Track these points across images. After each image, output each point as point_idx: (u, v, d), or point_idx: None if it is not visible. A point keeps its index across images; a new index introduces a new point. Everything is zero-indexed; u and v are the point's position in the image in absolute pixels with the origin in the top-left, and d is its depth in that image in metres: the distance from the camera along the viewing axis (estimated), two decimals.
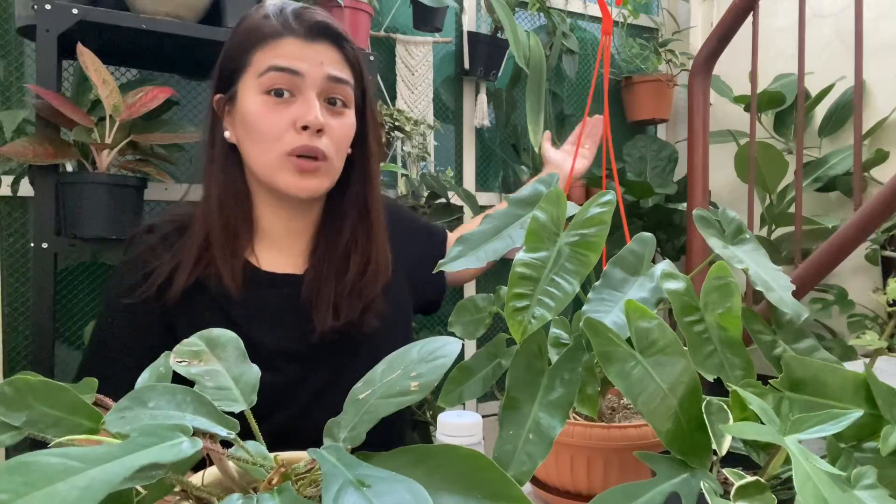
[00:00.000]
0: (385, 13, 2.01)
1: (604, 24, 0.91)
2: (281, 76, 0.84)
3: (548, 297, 0.54)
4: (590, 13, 2.44)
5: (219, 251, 0.87)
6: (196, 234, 0.88)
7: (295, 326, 0.89)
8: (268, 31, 0.85)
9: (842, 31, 2.06)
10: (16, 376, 0.37)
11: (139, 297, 0.86)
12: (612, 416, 0.69)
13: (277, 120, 0.84)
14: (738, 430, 0.42)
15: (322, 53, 0.86)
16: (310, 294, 0.90)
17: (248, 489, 0.40)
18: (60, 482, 0.26)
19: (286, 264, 0.93)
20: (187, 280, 0.85)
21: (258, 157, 0.86)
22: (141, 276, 0.87)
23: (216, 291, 0.87)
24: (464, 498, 0.32)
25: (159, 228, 0.91)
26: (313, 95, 0.85)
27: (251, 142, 0.86)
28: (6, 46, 1.58)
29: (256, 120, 0.84)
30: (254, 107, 0.85)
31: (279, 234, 0.93)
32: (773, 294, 0.62)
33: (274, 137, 0.84)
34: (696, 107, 1.93)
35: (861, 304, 1.90)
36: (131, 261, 0.89)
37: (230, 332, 0.46)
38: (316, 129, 0.84)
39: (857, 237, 1.50)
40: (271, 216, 0.92)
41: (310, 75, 0.85)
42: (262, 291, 0.89)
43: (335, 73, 0.86)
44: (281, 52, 0.84)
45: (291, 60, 0.84)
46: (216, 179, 0.89)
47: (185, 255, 0.87)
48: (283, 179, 0.85)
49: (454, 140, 2.21)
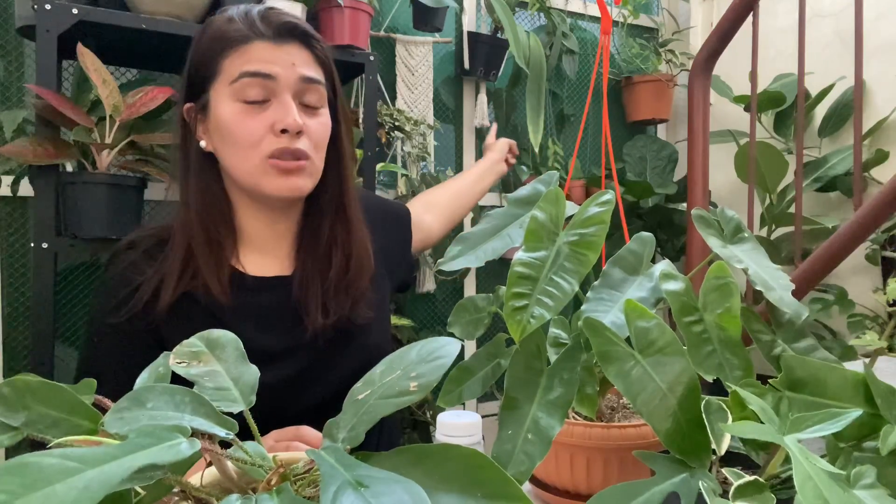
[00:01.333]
0: (385, 13, 2.01)
1: (603, 24, 0.91)
2: (254, 81, 0.83)
3: (547, 297, 0.54)
4: (590, 13, 2.44)
5: (203, 261, 0.85)
6: (178, 246, 0.86)
7: (288, 327, 0.89)
8: (235, 36, 0.84)
9: (842, 31, 2.06)
10: (15, 377, 0.37)
11: (125, 316, 0.84)
12: (612, 416, 0.69)
13: (254, 125, 0.83)
14: (738, 429, 0.42)
15: (293, 54, 0.85)
16: (300, 294, 0.90)
17: (246, 489, 0.40)
18: (58, 483, 0.26)
19: (273, 267, 0.92)
20: (173, 294, 0.84)
21: (238, 165, 0.85)
22: (125, 294, 0.85)
23: (205, 301, 0.86)
24: (463, 497, 0.32)
25: (139, 244, 0.90)
26: (289, 98, 0.84)
27: (229, 149, 0.85)
28: (6, 46, 1.58)
29: (233, 127, 0.83)
30: (229, 114, 0.83)
31: (263, 238, 0.92)
32: (773, 293, 0.62)
33: (253, 143, 0.83)
34: (696, 107, 1.93)
35: (861, 304, 1.90)
36: (114, 279, 0.88)
37: (230, 333, 0.46)
38: (295, 131, 0.83)
39: (857, 237, 1.50)
40: (253, 221, 0.91)
41: (283, 77, 0.84)
42: (252, 296, 0.89)
43: (308, 73, 0.85)
44: (251, 57, 0.83)
45: (263, 64, 0.83)
46: (194, 190, 0.88)
47: (168, 269, 0.85)
48: (268, 183, 0.85)
49: (454, 140, 2.21)
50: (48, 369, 1.31)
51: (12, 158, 1.27)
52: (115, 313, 0.85)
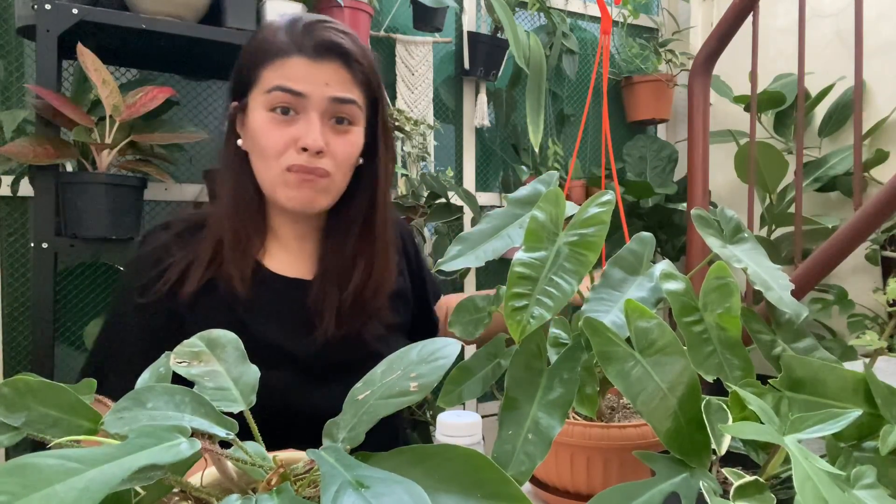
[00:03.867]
0: (385, 13, 2.01)
1: (602, 24, 0.91)
2: (285, 96, 0.85)
3: (547, 297, 0.54)
4: (590, 13, 2.44)
5: (230, 252, 0.88)
6: (210, 233, 0.90)
7: (300, 330, 0.90)
8: (275, 49, 0.86)
9: (842, 31, 2.06)
10: (15, 377, 0.37)
11: (152, 297, 0.87)
12: (612, 416, 0.69)
13: (280, 137, 0.86)
14: (738, 429, 0.42)
15: (328, 74, 0.86)
16: (316, 300, 0.91)
17: (246, 490, 0.40)
18: (59, 483, 0.26)
19: (295, 268, 0.94)
20: (201, 278, 0.87)
21: (262, 171, 0.89)
22: (154, 274, 0.88)
23: (225, 291, 0.88)
24: (463, 497, 0.32)
25: (174, 226, 0.93)
26: (315, 117, 0.86)
27: (256, 155, 0.89)
28: (6, 46, 1.58)
29: (260, 136, 0.86)
30: (260, 122, 0.86)
31: (289, 237, 0.95)
32: (773, 293, 0.61)
33: (276, 154, 0.86)
34: (696, 107, 1.93)
35: (861, 304, 1.90)
36: (144, 256, 0.90)
37: (230, 333, 0.46)
38: (315, 151, 0.85)
39: (857, 237, 1.50)
40: (281, 219, 0.94)
41: (313, 96, 0.85)
42: (270, 293, 0.91)
43: (340, 94, 0.87)
44: (287, 73, 0.85)
45: (296, 82, 0.85)
46: (229, 184, 0.91)
47: (199, 253, 0.89)
48: (283, 193, 0.87)
49: (454, 140, 2.20)
50: (48, 369, 1.31)
51: (12, 158, 1.27)
52: (141, 292, 0.87)
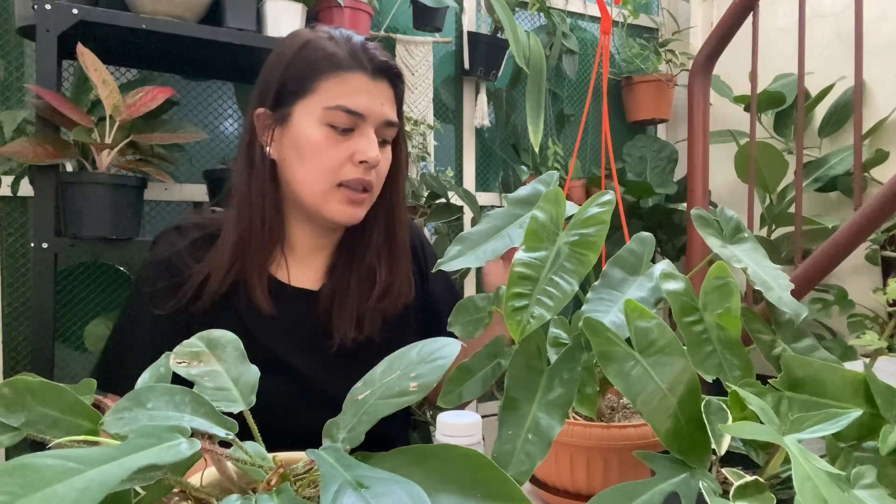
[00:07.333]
0: (385, 13, 2.00)
1: (602, 24, 0.91)
2: (348, 117, 0.86)
3: (547, 297, 0.54)
4: (590, 13, 2.44)
5: (250, 263, 0.89)
6: (227, 243, 0.89)
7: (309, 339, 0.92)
8: (337, 62, 0.86)
9: (842, 31, 2.06)
10: (15, 377, 0.37)
11: (167, 310, 0.87)
12: (612, 416, 0.69)
13: (337, 153, 0.86)
14: (738, 429, 0.42)
15: (383, 94, 0.89)
16: (327, 309, 0.92)
17: (246, 490, 0.40)
18: (58, 483, 0.26)
19: (302, 279, 0.95)
20: (219, 290, 0.88)
21: (308, 185, 0.88)
22: (167, 284, 0.88)
23: (235, 299, 0.89)
24: (463, 497, 0.32)
25: (188, 231, 0.93)
26: (373, 132, 0.88)
27: (304, 167, 0.87)
28: (6, 46, 1.58)
29: (316, 150, 0.86)
30: (315, 137, 0.86)
31: (303, 249, 0.95)
32: (772, 293, 0.61)
33: (331, 169, 0.87)
34: (696, 107, 1.93)
35: (861, 304, 1.90)
36: (159, 263, 0.91)
37: (230, 333, 0.46)
38: (374, 165, 0.87)
39: (857, 237, 1.50)
40: (300, 232, 0.94)
41: (371, 115, 0.87)
42: (281, 303, 0.91)
43: (391, 116, 0.90)
44: (350, 88, 0.86)
45: (358, 100, 0.86)
46: (256, 194, 0.89)
47: (215, 266, 0.88)
48: (332, 207, 0.88)
49: (454, 140, 2.20)
50: (48, 369, 1.31)
51: (12, 158, 1.27)
52: (157, 302, 0.88)
